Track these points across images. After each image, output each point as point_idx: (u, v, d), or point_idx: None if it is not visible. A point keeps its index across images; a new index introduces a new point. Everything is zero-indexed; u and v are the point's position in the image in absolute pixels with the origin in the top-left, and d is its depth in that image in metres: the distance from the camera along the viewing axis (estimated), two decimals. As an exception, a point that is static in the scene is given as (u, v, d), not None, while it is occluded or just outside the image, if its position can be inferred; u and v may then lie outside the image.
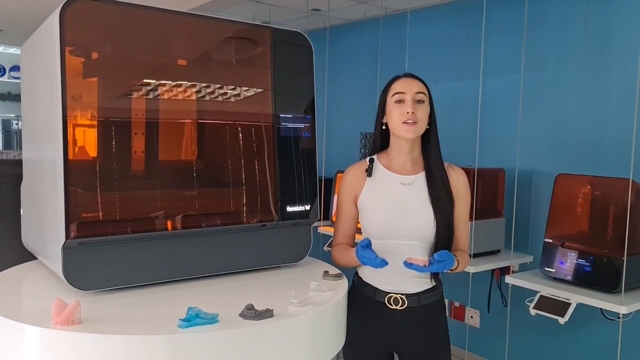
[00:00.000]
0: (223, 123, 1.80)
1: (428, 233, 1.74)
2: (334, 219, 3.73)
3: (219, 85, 1.76)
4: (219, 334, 1.29)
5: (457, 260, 1.72)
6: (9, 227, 1.88)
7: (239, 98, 1.81)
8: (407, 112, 1.70)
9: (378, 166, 1.81)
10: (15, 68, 8.30)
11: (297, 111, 1.87)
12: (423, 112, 1.73)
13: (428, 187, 1.75)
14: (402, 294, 1.77)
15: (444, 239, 1.74)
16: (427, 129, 1.77)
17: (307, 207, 1.86)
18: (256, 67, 1.84)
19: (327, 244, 3.50)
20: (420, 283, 1.78)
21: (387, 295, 1.77)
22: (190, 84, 1.71)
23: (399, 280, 1.77)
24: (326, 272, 1.75)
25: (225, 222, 1.74)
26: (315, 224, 2.01)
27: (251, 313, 1.35)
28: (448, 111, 3.42)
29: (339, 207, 1.88)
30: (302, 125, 1.87)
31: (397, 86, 1.76)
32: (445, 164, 1.81)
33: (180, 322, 1.29)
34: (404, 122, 1.70)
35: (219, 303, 1.45)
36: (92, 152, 1.56)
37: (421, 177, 1.78)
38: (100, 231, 1.52)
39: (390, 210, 1.76)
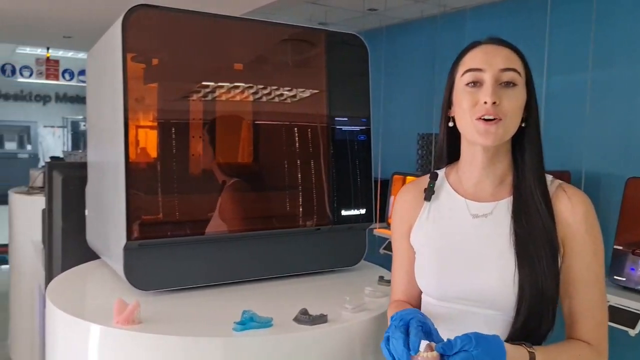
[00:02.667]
0: (278, 126, 1.81)
1: (505, 299, 1.03)
2: (389, 220, 3.71)
3: (274, 88, 1.77)
4: (273, 338, 1.29)
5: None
6: (75, 227, 1.95)
7: (294, 101, 1.81)
8: (485, 102, 1.04)
9: (444, 185, 1.17)
10: (84, 72, 8.69)
11: (352, 113, 1.85)
12: (513, 102, 1.05)
13: (514, 222, 1.06)
14: None
15: (532, 312, 1.01)
16: (521, 128, 1.09)
17: (363, 211, 1.84)
18: (311, 70, 1.84)
19: (383, 246, 3.46)
20: None
21: None
22: (246, 86, 1.73)
23: None
24: (381, 278, 1.72)
25: (280, 225, 1.74)
26: (371, 226, 1.97)
27: (305, 318, 1.34)
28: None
29: (393, 248, 1.29)
30: (357, 127, 1.85)
31: (471, 58, 1.10)
32: (554, 184, 1.09)
33: (235, 325, 1.30)
34: (479, 119, 1.04)
35: (273, 307, 1.45)
36: (153, 155, 1.60)
37: (505, 205, 1.09)
38: (159, 233, 1.55)
39: (448, 255, 1.12)
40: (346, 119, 1.83)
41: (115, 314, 1.30)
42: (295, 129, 1.81)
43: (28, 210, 3.29)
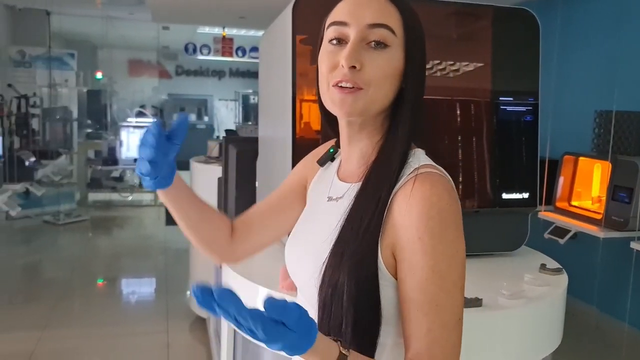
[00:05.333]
0: (439, 102, 1.78)
1: (312, 286, 0.87)
2: (556, 204, 3.47)
3: (437, 62, 1.74)
4: (426, 317, 1.31)
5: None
6: (247, 196, 2.13)
7: (457, 76, 1.76)
8: (342, 66, 0.83)
9: (339, 158, 1.02)
10: (254, 49, 9.29)
11: (518, 92, 1.76)
12: (379, 68, 0.84)
13: (347, 213, 0.87)
14: None
15: (334, 307, 0.82)
16: (399, 98, 0.88)
17: (526, 195, 1.75)
18: (476, 47, 1.78)
19: (548, 231, 3.27)
20: None
21: None
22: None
23: None
24: (543, 265, 1.64)
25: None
26: (536, 209, 1.87)
27: (460, 300, 1.34)
28: None
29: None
30: (523, 107, 1.75)
31: (339, 9, 0.87)
32: (413, 173, 0.85)
33: (390, 300, 1.34)
34: (336, 85, 0.84)
35: (428, 286, 1.46)
36: (317, 130, 1.68)
37: (355, 190, 0.90)
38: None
39: (296, 236, 1.02)
40: (512, 97, 1.74)
41: (281, 280, 1.41)
42: (457, 106, 1.77)
43: (206, 178, 3.61)
